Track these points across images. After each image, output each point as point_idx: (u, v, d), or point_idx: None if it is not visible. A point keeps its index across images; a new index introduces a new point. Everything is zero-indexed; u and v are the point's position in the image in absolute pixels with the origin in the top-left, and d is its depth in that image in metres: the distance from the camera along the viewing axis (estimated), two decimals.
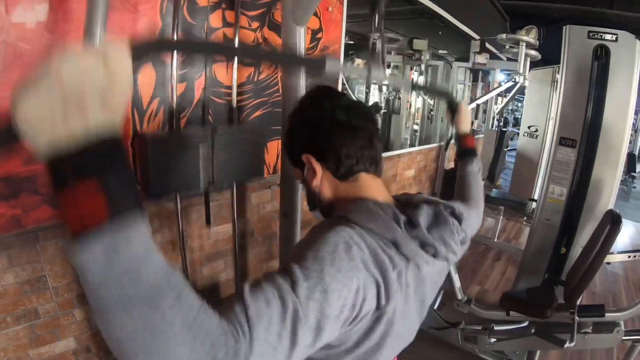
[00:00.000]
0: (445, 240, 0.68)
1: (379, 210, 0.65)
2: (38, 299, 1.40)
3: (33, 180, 1.24)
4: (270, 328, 0.46)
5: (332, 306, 0.52)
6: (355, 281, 0.55)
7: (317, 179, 0.72)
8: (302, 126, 0.74)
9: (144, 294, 0.38)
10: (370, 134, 0.72)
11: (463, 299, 2.25)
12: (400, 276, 0.63)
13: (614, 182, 2.22)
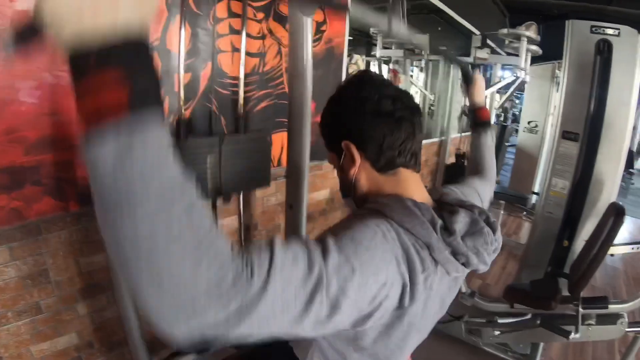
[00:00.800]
0: (479, 250, 0.65)
1: (417, 211, 0.63)
2: (40, 294, 1.37)
3: (36, 171, 1.22)
4: (289, 284, 0.45)
5: (355, 288, 0.51)
6: (384, 275, 0.55)
7: (355, 167, 0.71)
8: (345, 113, 0.72)
9: (154, 199, 0.36)
10: (414, 126, 0.70)
11: (467, 291, 2.26)
12: (427, 279, 0.61)
13: (616, 176, 2.24)
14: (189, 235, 0.37)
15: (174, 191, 0.37)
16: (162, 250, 0.36)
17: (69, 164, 1.28)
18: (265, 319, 0.43)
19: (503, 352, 2.29)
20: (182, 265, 0.36)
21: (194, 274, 0.37)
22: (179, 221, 0.37)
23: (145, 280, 0.36)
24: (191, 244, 0.37)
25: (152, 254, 0.36)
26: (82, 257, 1.42)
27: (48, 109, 1.19)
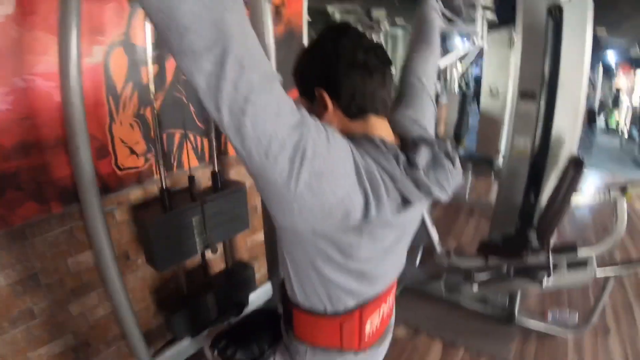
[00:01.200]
0: (440, 182, 0.73)
1: (383, 147, 0.70)
2: (32, 299, 1.41)
3: (15, 177, 1.25)
4: (286, 97, 0.58)
5: (323, 156, 0.61)
6: (346, 168, 0.64)
7: (327, 114, 0.76)
8: (321, 61, 0.76)
9: None
10: (384, 76, 0.76)
11: (442, 251, 2.41)
12: (391, 201, 0.69)
13: (575, 131, 2.37)
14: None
15: None
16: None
17: (47, 167, 1.31)
18: (267, 110, 0.55)
19: (482, 305, 2.45)
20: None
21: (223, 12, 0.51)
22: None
23: (187, 7, 0.49)
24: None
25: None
26: (70, 257, 1.46)
27: (22, 114, 1.21)
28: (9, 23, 1.14)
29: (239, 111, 0.53)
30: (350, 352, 0.91)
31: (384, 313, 0.94)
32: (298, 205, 0.61)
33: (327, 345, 0.89)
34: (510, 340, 2.24)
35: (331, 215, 0.64)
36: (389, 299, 0.96)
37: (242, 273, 1.86)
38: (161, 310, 1.81)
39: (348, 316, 0.84)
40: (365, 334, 0.90)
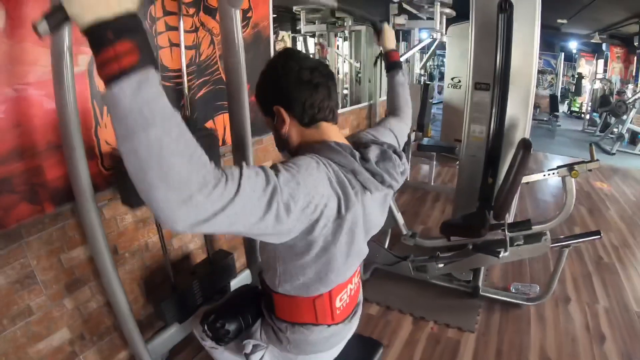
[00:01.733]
0: (390, 171, 0.92)
1: (339, 148, 0.88)
2: (29, 295, 1.50)
3: (9, 181, 1.35)
4: (255, 189, 0.66)
5: (301, 196, 0.74)
6: (322, 188, 0.79)
7: (286, 126, 0.93)
8: (274, 83, 0.93)
9: (158, 121, 0.53)
10: (329, 89, 0.94)
11: (408, 233, 2.62)
12: (357, 195, 0.87)
13: (527, 117, 2.62)
14: (184, 148, 0.56)
15: (171, 115, 0.55)
16: (167, 156, 0.54)
17: (39, 170, 1.43)
18: (237, 214, 0.64)
19: (449, 282, 2.67)
20: (181, 168, 0.56)
21: (189, 175, 0.56)
22: (177, 136, 0.55)
23: (155, 178, 0.54)
24: (187, 154, 0.57)
25: (160, 159, 0.54)
26: (63, 253, 1.58)
27: (14, 122, 1.33)
28: (0, 36, 1.25)
29: (225, 232, 0.68)
30: (324, 325, 1.09)
31: (351, 291, 1.13)
32: (293, 232, 0.79)
33: (304, 321, 1.07)
34: (476, 313, 2.46)
35: (314, 228, 0.81)
36: (354, 279, 1.14)
37: (223, 261, 2.01)
38: (149, 300, 1.94)
39: (320, 296, 1.02)
40: (336, 309, 1.08)
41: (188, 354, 2.05)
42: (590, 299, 2.66)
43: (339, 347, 1.20)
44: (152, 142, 0.53)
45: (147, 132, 0.53)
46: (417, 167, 5.42)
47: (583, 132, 8.95)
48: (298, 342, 1.10)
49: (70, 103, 1.26)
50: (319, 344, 1.11)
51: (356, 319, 1.24)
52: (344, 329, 1.16)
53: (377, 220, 1.04)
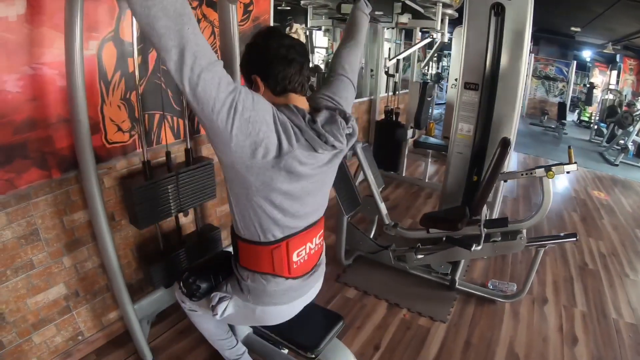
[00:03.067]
0: (334, 133, 1.09)
1: (295, 109, 1.08)
2: (32, 250, 1.71)
3: (23, 147, 1.57)
4: (225, 74, 0.95)
5: (249, 109, 0.97)
6: (268, 117, 1.01)
7: (260, 92, 1.14)
8: (254, 56, 1.14)
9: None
10: (301, 66, 1.13)
11: (390, 223, 2.80)
12: (301, 147, 1.06)
13: (513, 117, 2.75)
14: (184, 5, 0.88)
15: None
16: (171, 3, 0.85)
17: (50, 139, 1.65)
18: (210, 78, 0.91)
19: (427, 273, 2.85)
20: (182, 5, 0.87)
21: (184, 9, 0.88)
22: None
23: (162, 23, 0.85)
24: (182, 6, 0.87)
25: (167, 7, 0.84)
26: (66, 216, 1.80)
27: (30, 96, 1.55)
28: (21, 21, 1.46)
29: (194, 84, 0.91)
30: (282, 277, 1.28)
31: (310, 250, 1.32)
32: (233, 144, 0.99)
33: (263, 270, 1.27)
34: (450, 305, 2.61)
35: (256, 152, 1.01)
36: (315, 240, 1.33)
37: (210, 233, 2.23)
38: (140, 266, 2.16)
39: (277, 246, 1.22)
40: (292, 262, 1.27)
41: (172, 320, 2.28)
42: (569, 303, 2.76)
43: (296, 305, 1.39)
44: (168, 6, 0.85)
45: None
46: (414, 164, 5.61)
47: (590, 142, 9.03)
48: (257, 292, 1.30)
49: (78, 82, 1.47)
50: (276, 296, 1.30)
51: (316, 279, 1.43)
52: (301, 284, 1.34)
53: (328, 176, 1.24)
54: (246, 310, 1.35)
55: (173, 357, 2.07)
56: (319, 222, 1.33)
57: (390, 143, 4.43)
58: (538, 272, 3.07)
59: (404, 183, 4.90)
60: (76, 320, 1.97)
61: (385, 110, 4.47)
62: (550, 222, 4.19)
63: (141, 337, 1.94)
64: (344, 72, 1.39)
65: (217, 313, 1.36)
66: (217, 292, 1.39)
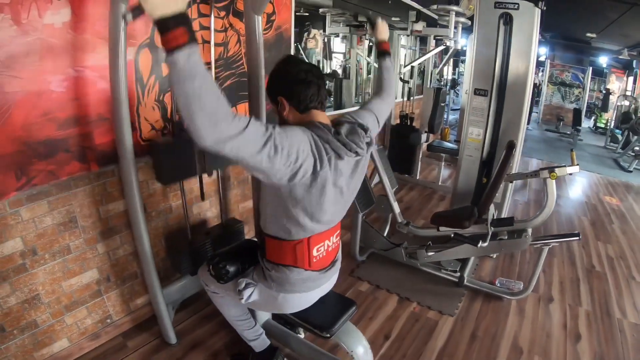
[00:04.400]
0: (356, 141, 1.24)
1: (321, 125, 1.22)
2: (70, 237, 1.85)
3: (65, 142, 1.72)
4: (257, 130, 1.01)
5: (287, 145, 1.08)
6: (303, 145, 1.13)
7: (286, 111, 1.30)
8: (278, 80, 1.30)
9: (200, 75, 0.87)
10: (319, 87, 1.28)
11: (403, 221, 2.90)
12: (330, 160, 1.20)
13: (521, 122, 2.83)
14: (215, 91, 0.90)
15: (207, 73, 0.89)
16: (204, 95, 0.87)
17: (89, 135, 1.80)
18: (244, 143, 0.98)
19: (437, 270, 2.94)
20: (213, 103, 0.89)
21: (217, 108, 0.90)
22: (211, 85, 0.90)
23: (197, 109, 0.87)
24: (216, 95, 0.90)
25: (200, 97, 0.87)
26: (102, 205, 1.94)
27: (73, 95, 1.70)
28: (65, 28, 1.61)
29: (234, 155, 1.00)
30: (302, 269, 1.42)
31: (329, 247, 1.47)
32: (278, 177, 1.13)
33: (286, 263, 1.42)
34: (459, 300, 2.69)
35: (296, 175, 1.14)
36: (333, 238, 1.48)
37: (234, 226, 2.36)
38: (169, 255, 2.29)
39: (299, 242, 1.37)
40: (313, 257, 1.41)
41: (195, 307, 2.42)
42: (574, 302, 2.80)
43: (314, 294, 1.53)
44: (196, 87, 0.87)
45: (193, 81, 0.87)
46: (428, 168, 5.69)
47: (604, 149, 8.97)
48: (280, 281, 1.44)
49: (121, 85, 1.63)
50: (296, 284, 1.45)
51: (332, 273, 1.57)
52: (319, 276, 1.49)
53: (352, 184, 1.37)
54: (269, 297, 1.50)
55: (195, 341, 2.20)
56: (339, 222, 1.48)
57: (404, 147, 4.53)
58: (545, 273, 3.14)
59: (417, 186, 4.98)
60: (106, 304, 2.11)
61: (400, 115, 4.57)
62: (560, 225, 4.23)
63: (167, 320, 2.08)
64: (374, 111, 1.54)
65: (243, 297, 1.51)
66: (244, 278, 1.53)
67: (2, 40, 1.44)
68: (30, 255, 1.75)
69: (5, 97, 1.50)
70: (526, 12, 2.66)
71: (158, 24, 0.86)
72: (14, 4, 1.45)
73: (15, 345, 1.77)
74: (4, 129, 1.53)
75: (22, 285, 1.75)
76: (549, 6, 3.05)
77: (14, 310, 1.74)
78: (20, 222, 1.68)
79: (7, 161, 1.56)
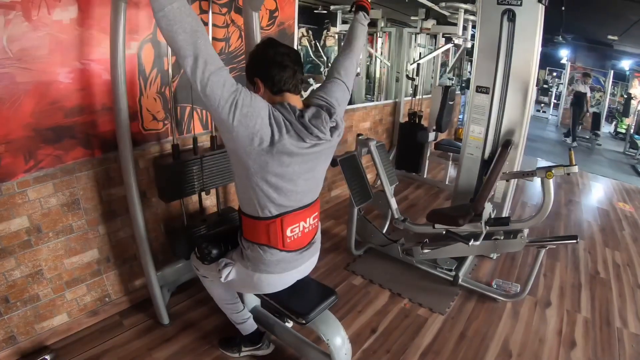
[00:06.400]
0: (318, 126, 1.32)
1: (288, 107, 1.31)
2: (73, 217, 2.00)
3: (71, 129, 1.86)
4: (230, 79, 1.19)
5: (247, 106, 1.19)
6: (263, 112, 1.24)
7: (260, 92, 1.38)
8: (255, 61, 1.38)
9: (188, 13, 1.11)
10: (294, 69, 1.36)
11: (399, 217, 2.96)
12: (291, 137, 1.28)
13: (523, 121, 2.81)
14: (192, 14, 1.13)
15: (192, 12, 1.12)
16: (185, 16, 1.10)
17: (94, 124, 1.94)
18: (219, 80, 1.15)
19: (433, 268, 2.99)
20: (192, 24, 1.12)
21: (196, 27, 1.14)
22: (189, 9, 1.12)
23: (178, 28, 1.09)
24: (194, 17, 1.13)
25: (181, 18, 1.09)
26: (104, 189, 2.08)
27: (79, 86, 1.84)
28: (73, 24, 1.76)
29: (204, 84, 1.16)
30: (276, 249, 1.50)
31: (304, 228, 1.54)
32: (234, 133, 1.23)
33: (260, 242, 1.50)
34: (451, 299, 2.71)
35: (252, 140, 1.24)
36: (310, 220, 1.55)
37: (229, 215, 2.48)
38: (167, 239, 2.42)
39: (272, 221, 1.45)
40: (287, 237, 1.49)
41: (191, 292, 2.55)
42: (572, 308, 2.76)
43: (290, 276, 1.61)
44: (175, 9, 1.07)
45: (172, 3, 1.06)
46: (437, 167, 5.73)
47: (623, 154, 8.82)
48: (255, 260, 1.53)
49: (120, 76, 1.77)
50: (270, 265, 1.53)
51: (310, 254, 1.65)
52: (295, 257, 1.56)
53: (318, 166, 1.46)
54: (246, 276, 1.59)
55: (188, 322, 2.33)
56: (313, 204, 1.55)
57: (412, 145, 4.58)
58: (546, 277, 3.13)
59: (424, 184, 5.03)
60: (105, 283, 2.26)
61: (408, 113, 4.61)
62: (568, 229, 4.21)
63: (161, 301, 2.22)
64: (339, 76, 1.60)
65: (222, 276, 1.60)
66: (224, 258, 1.62)
67: (14, 35, 1.60)
68: (35, 232, 1.90)
69: (17, 87, 1.65)
70: (529, 9, 2.62)
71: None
72: (25, 2, 1.60)
73: (18, 316, 1.93)
74: (15, 116, 1.68)
75: (27, 260, 1.90)
76: (569, 7, 2.99)
77: (18, 283, 1.89)
78: (27, 202, 1.83)
79: (17, 145, 1.72)
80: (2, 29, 1.55)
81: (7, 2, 1.54)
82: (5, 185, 1.73)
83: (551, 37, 8.61)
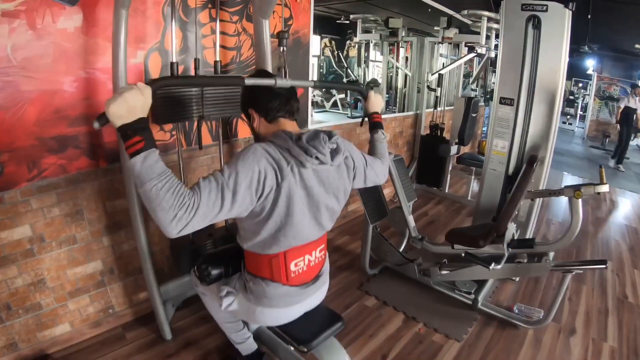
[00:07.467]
0: (317, 147, 1.26)
1: (284, 134, 1.26)
2: (76, 228, 1.99)
3: (75, 138, 1.85)
4: (210, 193, 1.08)
5: (243, 179, 1.13)
6: (257, 167, 1.17)
7: (256, 122, 1.37)
8: (247, 93, 1.38)
9: (155, 176, 0.98)
10: (287, 97, 1.35)
11: (417, 236, 2.83)
12: (292, 169, 1.23)
13: (550, 134, 2.67)
14: (170, 188, 1.00)
15: (163, 171, 1.00)
16: (162, 194, 0.98)
17: (99, 133, 1.93)
18: (205, 213, 1.06)
19: (451, 291, 2.85)
20: (170, 199, 0.99)
21: (174, 202, 1.00)
22: (167, 182, 1.00)
23: (156, 206, 0.99)
24: (172, 191, 1.00)
25: (157, 196, 0.98)
26: (108, 201, 2.07)
27: (83, 95, 1.83)
28: (78, 32, 1.76)
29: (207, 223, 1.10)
30: (279, 283, 1.43)
31: (310, 261, 1.47)
32: (250, 205, 1.19)
33: (263, 275, 1.44)
34: (469, 324, 2.57)
35: (263, 193, 1.19)
36: (316, 252, 1.48)
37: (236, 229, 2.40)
38: (172, 253, 2.36)
39: (274, 256, 1.39)
40: (290, 271, 1.42)
41: (197, 307, 2.44)
42: (599, 336, 2.61)
43: (294, 310, 1.53)
44: (152, 188, 0.98)
45: (150, 182, 0.98)
46: (459, 182, 5.59)
47: None
48: (257, 293, 1.46)
49: (121, 83, 1.72)
50: (273, 299, 1.45)
51: (315, 289, 1.56)
52: (299, 292, 1.48)
53: (327, 198, 1.37)
54: (248, 309, 1.52)
55: (191, 339, 2.27)
56: (320, 238, 1.48)
57: (433, 158, 4.45)
58: (571, 301, 2.96)
59: (445, 200, 4.90)
60: (109, 295, 2.24)
61: (430, 125, 4.49)
62: (595, 249, 4.01)
63: (163, 317, 2.17)
64: (365, 157, 1.57)
65: (223, 305, 1.55)
66: (226, 286, 1.58)
67: (18, 43, 1.59)
68: (38, 241, 1.89)
69: (21, 95, 1.65)
70: (556, 15, 2.50)
71: (120, 132, 0.99)
72: (30, 10, 1.59)
73: (19, 323, 1.92)
74: (19, 124, 1.68)
75: (29, 268, 1.89)
76: (596, 16, 2.88)
77: (20, 290, 1.89)
78: (30, 211, 1.82)
79: (21, 154, 1.72)
80: (6, 37, 1.55)
81: (12, 10, 1.54)
82: (8, 194, 1.72)
83: (577, 46, 8.41)
